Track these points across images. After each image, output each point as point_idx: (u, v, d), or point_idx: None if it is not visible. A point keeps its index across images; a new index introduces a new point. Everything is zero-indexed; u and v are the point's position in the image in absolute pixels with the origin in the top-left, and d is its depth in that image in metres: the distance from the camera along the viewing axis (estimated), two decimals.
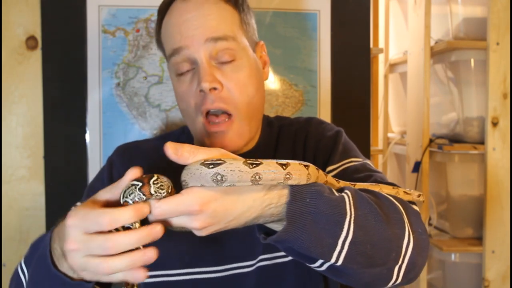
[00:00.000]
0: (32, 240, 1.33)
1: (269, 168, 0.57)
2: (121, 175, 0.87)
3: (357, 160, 0.86)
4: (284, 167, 0.59)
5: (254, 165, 0.57)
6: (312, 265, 0.65)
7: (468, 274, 1.77)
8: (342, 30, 1.40)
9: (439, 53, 1.80)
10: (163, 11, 0.87)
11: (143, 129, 1.34)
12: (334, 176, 0.78)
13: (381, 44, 2.12)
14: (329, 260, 0.62)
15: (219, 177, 0.56)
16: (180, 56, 0.82)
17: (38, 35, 1.32)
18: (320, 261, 0.64)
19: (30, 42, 1.32)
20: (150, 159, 0.91)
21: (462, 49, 1.72)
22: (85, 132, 1.32)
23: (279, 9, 1.38)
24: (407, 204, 0.72)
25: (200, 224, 0.57)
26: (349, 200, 0.65)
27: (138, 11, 1.33)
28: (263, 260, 0.82)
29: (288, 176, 0.59)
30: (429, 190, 1.81)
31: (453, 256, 1.77)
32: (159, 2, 0.90)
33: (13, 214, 1.33)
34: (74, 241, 0.55)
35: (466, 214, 1.80)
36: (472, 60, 1.72)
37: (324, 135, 0.91)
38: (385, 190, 0.74)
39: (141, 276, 0.56)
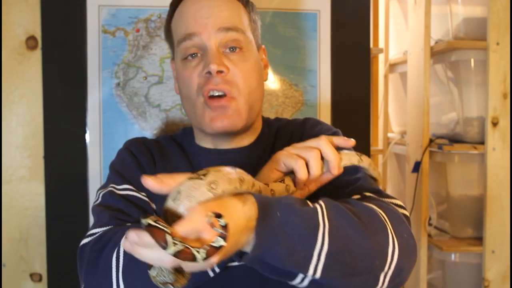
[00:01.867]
0: (32, 240, 1.33)
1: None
2: (143, 164, 0.89)
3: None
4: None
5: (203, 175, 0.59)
6: (294, 282, 0.65)
7: (468, 274, 1.77)
8: (342, 30, 1.40)
9: (439, 53, 1.80)
10: (175, 4, 0.91)
11: (143, 129, 1.34)
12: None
13: (381, 44, 2.12)
14: (307, 273, 0.62)
15: (213, 185, 0.56)
16: (192, 42, 0.86)
17: (38, 35, 1.32)
18: (301, 277, 0.63)
19: (30, 42, 1.32)
20: (158, 153, 0.93)
21: (462, 49, 1.72)
22: (85, 132, 1.32)
23: (279, 9, 1.38)
24: (390, 210, 0.72)
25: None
26: (322, 211, 0.65)
27: (138, 11, 1.33)
28: None
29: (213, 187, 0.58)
30: (429, 190, 1.81)
31: (453, 256, 1.77)
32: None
33: (13, 214, 1.33)
34: None
35: (466, 214, 1.80)
36: (472, 60, 1.72)
37: (321, 133, 0.91)
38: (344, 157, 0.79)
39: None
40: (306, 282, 0.64)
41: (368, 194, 0.79)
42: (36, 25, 1.32)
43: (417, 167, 1.78)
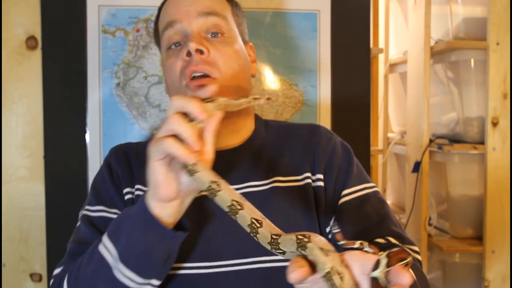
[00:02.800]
0: (32, 240, 1.33)
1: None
2: (118, 174, 0.88)
3: (369, 186, 0.87)
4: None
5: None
6: None
7: (468, 274, 1.77)
8: (342, 30, 1.40)
9: (439, 53, 1.80)
10: (161, 6, 0.92)
11: (143, 129, 1.34)
12: (350, 202, 0.82)
13: (381, 44, 2.12)
14: None
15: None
16: (173, 29, 0.86)
17: (38, 35, 1.32)
18: None
19: (30, 42, 1.32)
20: (143, 158, 0.91)
21: (462, 49, 1.72)
22: (85, 132, 1.32)
23: (279, 9, 1.38)
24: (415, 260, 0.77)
25: None
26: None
27: (138, 11, 1.33)
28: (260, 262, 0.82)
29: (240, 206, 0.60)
30: (429, 190, 1.81)
31: (453, 256, 1.77)
32: (159, 2, 0.91)
33: (13, 214, 1.33)
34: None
35: (466, 214, 1.80)
36: (472, 60, 1.72)
37: (336, 152, 0.89)
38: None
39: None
40: None
41: (392, 240, 0.79)
42: (36, 25, 1.32)
43: (417, 167, 1.78)
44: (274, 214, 0.68)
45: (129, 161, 0.91)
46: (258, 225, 0.58)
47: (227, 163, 0.87)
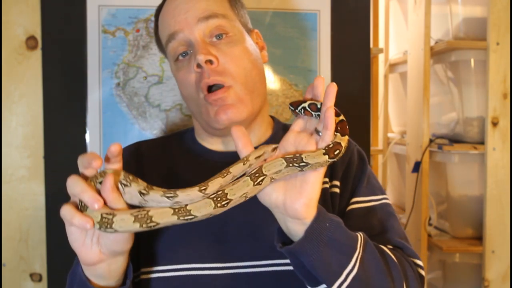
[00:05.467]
0: (32, 240, 1.33)
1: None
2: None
3: (378, 199, 0.87)
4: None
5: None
6: None
7: (468, 274, 1.77)
8: (342, 30, 1.40)
9: (439, 53, 1.80)
10: (158, 13, 0.91)
11: (143, 129, 1.34)
12: (356, 210, 0.84)
13: (381, 44, 2.12)
14: (331, 286, 0.66)
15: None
16: (177, 41, 0.84)
17: (38, 35, 1.32)
18: (322, 287, 0.67)
19: (30, 42, 1.32)
20: (152, 159, 0.92)
21: (462, 49, 1.72)
22: (85, 132, 1.32)
23: (279, 9, 1.38)
24: (409, 269, 0.75)
25: None
26: (361, 241, 0.69)
27: (138, 11, 1.33)
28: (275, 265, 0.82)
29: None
30: (429, 190, 1.81)
31: (453, 256, 1.77)
32: (159, 2, 0.91)
33: (13, 214, 1.33)
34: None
35: (466, 214, 1.80)
36: (472, 60, 1.72)
37: (353, 160, 0.90)
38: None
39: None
40: None
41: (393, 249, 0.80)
42: (36, 25, 1.32)
43: (417, 167, 1.78)
44: None
45: (136, 164, 0.91)
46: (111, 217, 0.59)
47: None
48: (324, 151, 0.64)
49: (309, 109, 0.69)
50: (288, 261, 0.71)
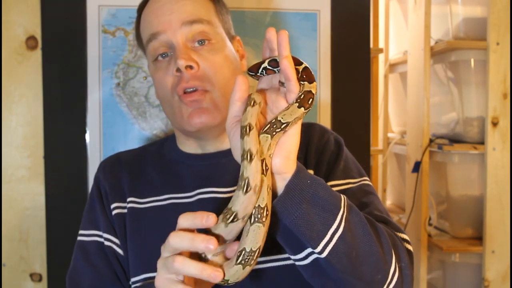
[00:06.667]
0: (32, 240, 1.33)
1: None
2: (106, 190, 0.88)
3: (355, 182, 0.85)
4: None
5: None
6: (297, 256, 0.65)
7: (468, 274, 1.77)
8: (342, 30, 1.40)
9: (439, 53, 1.80)
10: (141, 8, 0.90)
11: (143, 129, 1.34)
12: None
13: (381, 44, 2.12)
14: (316, 248, 0.62)
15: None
16: (158, 41, 0.84)
17: (38, 35, 1.32)
18: (306, 252, 0.63)
19: (30, 42, 1.32)
20: (133, 168, 0.92)
21: (462, 49, 1.72)
22: (85, 132, 1.32)
23: (279, 9, 1.38)
24: (396, 239, 0.73)
25: None
26: (344, 201, 0.66)
27: None
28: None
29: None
30: (429, 190, 1.81)
31: (453, 256, 1.77)
32: None
33: (13, 214, 1.33)
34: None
35: (466, 214, 1.80)
36: (472, 60, 1.72)
37: (328, 148, 0.89)
38: None
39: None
40: (309, 260, 0.64)
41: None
42: (36, 25, 1.32)
43: (417, 167, 1.78)
44: None
45: (118, 175, 0.91)
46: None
47: (221, 166, 0.87)
48: (297, 104, 0.62)
49: (270, 67, 0.67)
50: (287, 255, 0.70)
